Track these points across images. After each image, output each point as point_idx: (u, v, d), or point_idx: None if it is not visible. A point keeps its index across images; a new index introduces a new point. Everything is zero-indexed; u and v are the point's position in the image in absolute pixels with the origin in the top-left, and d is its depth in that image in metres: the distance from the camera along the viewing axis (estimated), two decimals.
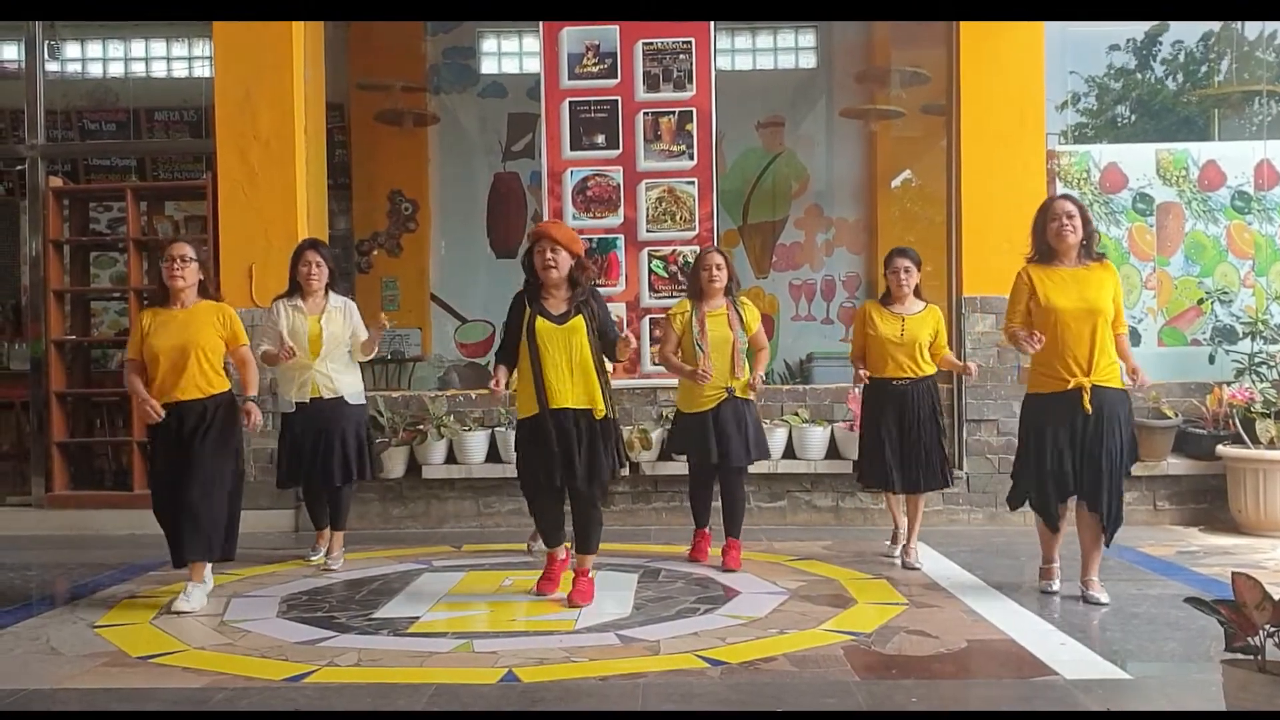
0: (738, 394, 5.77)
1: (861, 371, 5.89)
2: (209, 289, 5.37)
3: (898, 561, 5.93)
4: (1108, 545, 5.07)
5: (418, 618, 4.90)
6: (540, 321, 4.96)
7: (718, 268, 5.80)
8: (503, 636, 4.64)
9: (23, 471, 8.13)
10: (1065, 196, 5.15)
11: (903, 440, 5.75)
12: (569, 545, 5.34)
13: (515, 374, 5.12)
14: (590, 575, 5.21)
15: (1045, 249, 5.07)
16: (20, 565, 6.33)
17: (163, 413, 5.12)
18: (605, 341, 5.12)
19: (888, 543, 6.22)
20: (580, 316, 4.98)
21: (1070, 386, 4.90)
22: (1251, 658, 3.08)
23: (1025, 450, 5.14)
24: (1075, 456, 4.95)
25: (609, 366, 5.15)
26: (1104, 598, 5.00)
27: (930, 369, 5.84)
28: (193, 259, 5.24)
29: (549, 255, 4.96)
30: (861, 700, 3.71)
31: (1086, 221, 5.02)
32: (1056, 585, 5.18)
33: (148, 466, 5.46)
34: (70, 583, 5.84)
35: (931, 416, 5.81)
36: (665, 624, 4.72)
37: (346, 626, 4.76)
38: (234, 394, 5.34)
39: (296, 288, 6.00)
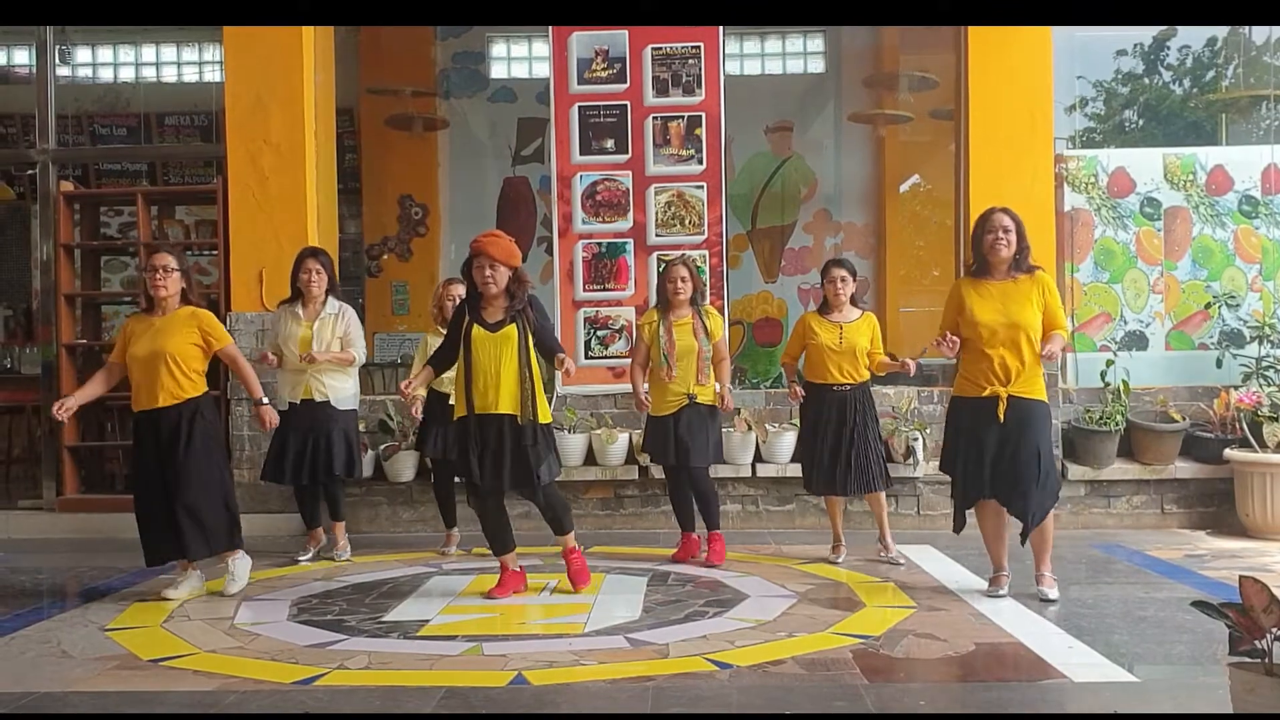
0: (699, 400, 5.94)
1: (797, 388, 6.08)
2: (190, 296, 5.46)
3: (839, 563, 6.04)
4: (1023, 543, 5.11)
5: (427, 620, 4.92)
6: (476, 329, 5.15)
7: (682, 280, 5.98)
8: (512, 639, 4.65)
9: (34, 475, 8.18)
10: (1005, 211, 5.15)
11: (845, 444, 5.88)
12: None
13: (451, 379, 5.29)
14: (576, 549, 5.44)
15: (980, 261, 5.15)
16: (31, 568, 6.37)
17: (64, 413, 5.37)
18: (543, 350, 5.27)
19: (829, 551, 6.15)
20: (513, 325, 5.13)
21: (986, 394, 5.00)
22: (1259, 661, 3.09)
23: (947, 451, 5.28)
24: (989, 462, 5.02)
25: (543, 373, 5.28)
26: (1002, 592, 5.14)
27: (867, 375, 5.97)
28: (175, 269, 5.37)
29: (488, 272, 5.12)
30: (870, 703, 3.72)
31: (1021, 237, 5.07)
32: (1003, 591, 5.18)
33: (130, 472, 5.58)
34: (81, 586, 5.87)
35: (872, 420, 5.97)
36: (674, 627, 4.73)
37: (356, 629, 4.78)
38: (212, 396, 5.52)
39: (298, 293, 6.29)
